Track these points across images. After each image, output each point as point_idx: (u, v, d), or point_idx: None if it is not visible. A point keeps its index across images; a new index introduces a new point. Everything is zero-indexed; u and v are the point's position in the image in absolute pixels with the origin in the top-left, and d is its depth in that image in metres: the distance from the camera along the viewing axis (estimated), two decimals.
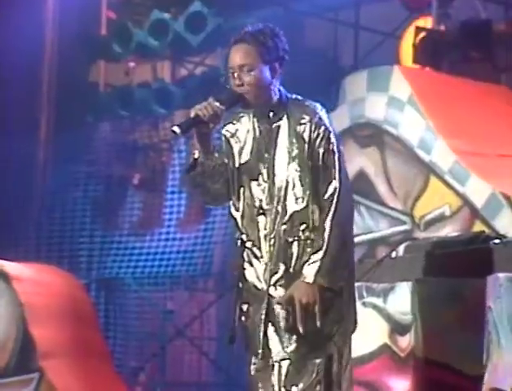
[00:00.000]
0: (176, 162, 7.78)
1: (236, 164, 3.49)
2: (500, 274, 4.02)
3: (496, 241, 4.23)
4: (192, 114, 3.29)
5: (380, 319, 4.36)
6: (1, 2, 8.60)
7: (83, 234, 8.18)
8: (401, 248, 4.62)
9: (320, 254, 3.21)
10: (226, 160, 3.49)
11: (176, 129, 3.19)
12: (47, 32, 9.68)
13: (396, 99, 5.68)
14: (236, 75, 3.28)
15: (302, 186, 3.40)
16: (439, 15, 7.00)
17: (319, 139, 3.37)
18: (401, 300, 4.39)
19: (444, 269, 4.36)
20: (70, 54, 9.43)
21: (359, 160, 5.41)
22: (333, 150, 3.36)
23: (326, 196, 3.37)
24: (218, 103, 3.28)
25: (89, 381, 5.60)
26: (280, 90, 3.32)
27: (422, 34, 6.93)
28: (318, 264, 3.20)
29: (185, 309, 7.83)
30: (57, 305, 5.84)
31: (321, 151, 3.35)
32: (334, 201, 3.34)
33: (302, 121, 3.41)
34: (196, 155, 3.41)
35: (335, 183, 3.36)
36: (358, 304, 4.27)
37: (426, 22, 7.25)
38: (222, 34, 7.64)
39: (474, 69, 6.70)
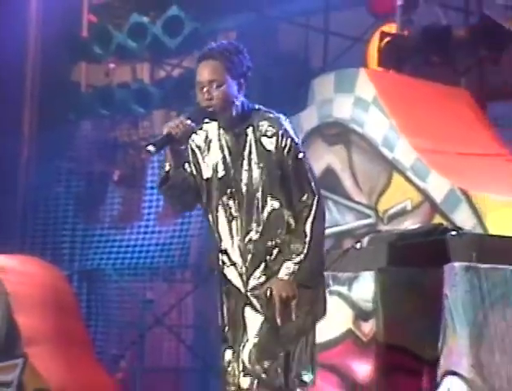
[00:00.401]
0: (155, 159, 7.72)
1: (204, 175, 3.47)
2: (456, 264, 4.05)
3: (453, 233, 4.26)
4: (165, 132, 3.29)
5: (344, 306, 4.35)
6: None
7: (66, 227, 8.11)
8: (365, 240, 4.62)
9: (301, 257, 3.22)
10: (193, 171, 3.46)
11: (151, 148, 3.19)
12: (31, 33, 9.48)
13: (362, 100, 5.62)
14: (205, 89, 3.28)
15: (272, 193, 3.39)
16: (402, 22, 6.93)
17: (286, 150, 3.38)
18: (364, 288, 4.36)
19: (405, 259, 4.36)
20: (53, 55, 9.24)
21: (326, 158, 5.35)
22: (301, 159, 3.39)
23: (303, 201, 3.36)
24: (189, 121, 3.30)
25: (71, 367, 5.58)
26: (243, 102, 3.36)
27: (387, 39, 6.86)
28: (297, 267, 3.20)
29: (163, 298, 7.79)
30: (40, 294, 5.80)
31: (290, 161, 3.36)
32: (314, 208, 3.33)
33: (269, 134, 3.42)
34: (166, 169, 3.39)
35: (313, 191, 3.37)
36: None
37: (391, 28, 7.05)
38: (199, 38, 7.58)
39: (435, 72, 6.63)
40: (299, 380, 3.49)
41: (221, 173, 3.47)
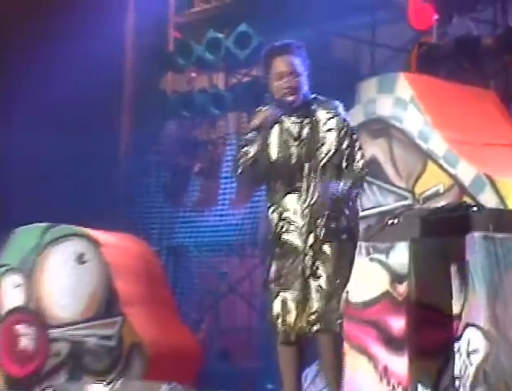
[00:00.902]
0: (229, 154, 7.83)
1: (272, 155, 3.47)
2: (476, 234, 4.03)
3: (474, 209, 4.32)
4: (257, 122, 3.42)
5: (383, 271, 4.42)
6: (90, 22, 8.34)
7: (155, 210, 8.23)
8: (401, 216, 4.68)
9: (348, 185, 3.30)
10: (264, 153, 3.46)
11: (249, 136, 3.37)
12: (128, 46, 9.49)
13: (401, 100, 5.51)
14: (284, 80, 3.33)
15: (328, 166, 3.40)
16: (438, 34, 6.77)
17: (344, 130, 3.43)
18: (400, 256, 4.33)
19: (434, 231, 4.36)
20: (145, 66, 9.29)
21: (371, 149, 5.28)
22: (355, 138, 3.46)
23: (355, 170, 3.41)
24: (271, 111, 3.39)
25: (161, 326, 5.71)
26: (306, 91, 3.41)
27: (424, 48, 6.72)
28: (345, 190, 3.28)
29: (236, 270, 7.90)
30: (135, 265, 5.95)
31: (347, 139, 3.41)
32: (362, 180, 3.47)
33: (329, 116, 3.46)
34: (252, 154, 3.42)
35: (363, 169, 3.44)
36: (366, 259, 4.44)
37: (429, 39, 6.90)
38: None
39: (467, 77, 6.50)
40: (340, 325, 3.45)
41: (285, 149, 3.47)
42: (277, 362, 3.54)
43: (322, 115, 3.47)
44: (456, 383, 4.11)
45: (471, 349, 4.09)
